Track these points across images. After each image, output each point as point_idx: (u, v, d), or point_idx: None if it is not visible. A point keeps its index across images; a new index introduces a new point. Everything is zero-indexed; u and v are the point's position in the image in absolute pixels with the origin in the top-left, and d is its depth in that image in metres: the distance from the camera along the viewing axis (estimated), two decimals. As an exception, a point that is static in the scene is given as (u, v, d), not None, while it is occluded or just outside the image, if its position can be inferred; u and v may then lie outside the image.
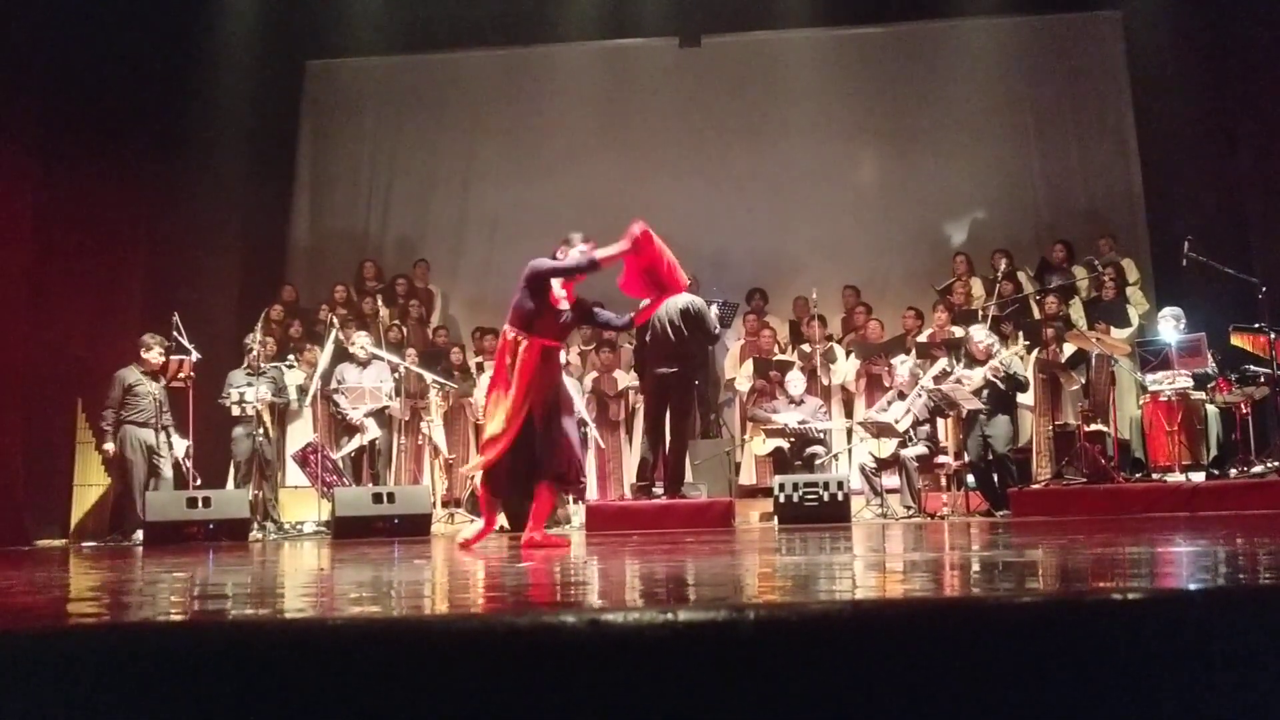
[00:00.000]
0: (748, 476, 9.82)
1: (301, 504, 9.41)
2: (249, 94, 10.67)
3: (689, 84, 11.71)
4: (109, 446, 8.46)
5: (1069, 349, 9.06)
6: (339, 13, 11.19)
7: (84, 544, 8.41)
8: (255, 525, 8.50)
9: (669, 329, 7.86)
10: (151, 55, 9.50)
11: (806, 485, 7.93)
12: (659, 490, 8.12)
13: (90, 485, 9.05)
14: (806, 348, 9.96)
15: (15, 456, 8.22)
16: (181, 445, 8.65)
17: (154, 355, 8.52)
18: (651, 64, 11.80)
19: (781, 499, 7.93)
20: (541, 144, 11.70)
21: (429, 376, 9.47)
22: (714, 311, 8.17)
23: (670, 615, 1.70)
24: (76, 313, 8.80)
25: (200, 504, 7.98)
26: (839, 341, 10.29)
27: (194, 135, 10.10)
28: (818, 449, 8.99)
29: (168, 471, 8.52)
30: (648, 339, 8.06)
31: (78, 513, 8.96)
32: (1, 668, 1.77)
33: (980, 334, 8.68)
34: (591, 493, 9.64)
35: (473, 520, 9.05)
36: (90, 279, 8.99)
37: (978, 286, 10.27)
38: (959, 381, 8.43)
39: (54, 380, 8.62)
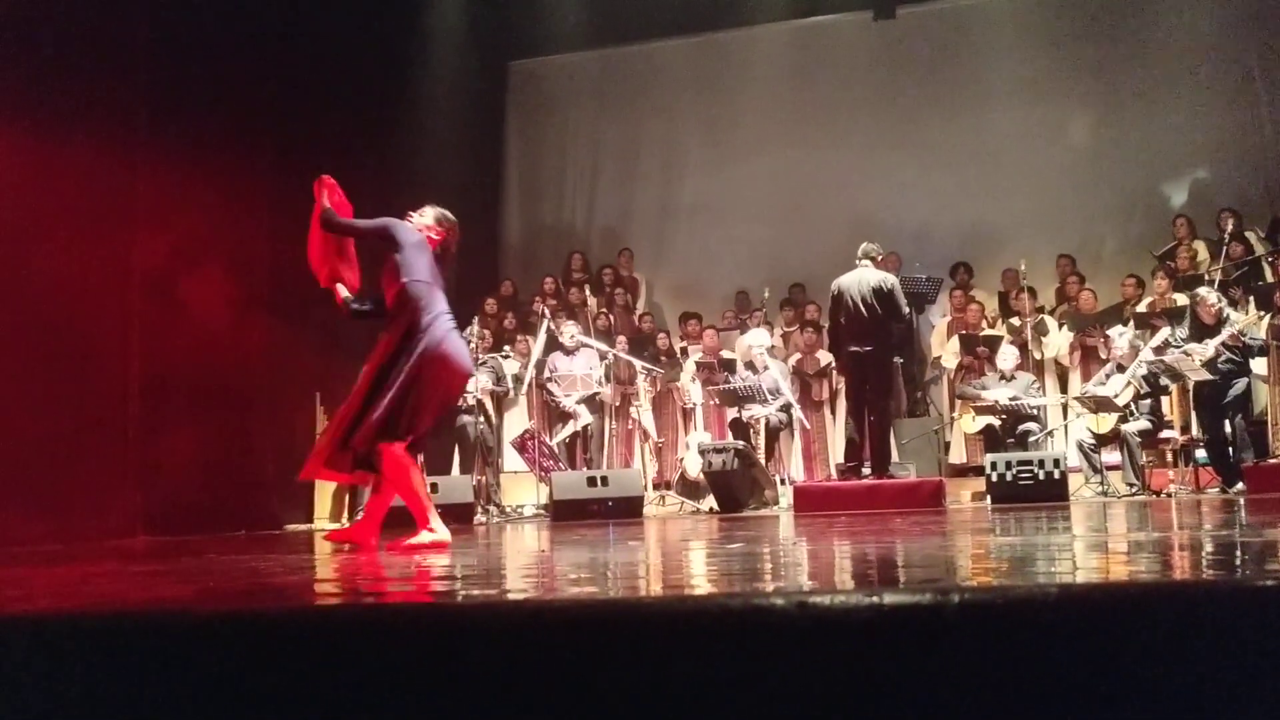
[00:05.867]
0: (958, 455, 9.62)
1: (521, 488, 9.81)
2: (458, 99, 11.18)
3: (885, 57, 11.51)
4: None
5: (1307, 312, 8.46)
6: (537, 13, 11.55)
7: (326, 527, 9.07)
8: (479, 509, 8.94)
9: (861, 307, 7.79)
10: (363, 70, 10.05)
11: (1020, 463, 7.71)
12: (866, 470, 8.07)
13: (330, 473, 9.73)
14: (1016, 321, 9.65)
15: (266, 449, 8.93)
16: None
17: None
18: (846, 39, 11.66)
19: (994, 478, 7.74)
20: (739, 127, 11.75)
21: (637, 363, 9.70)
22: (920, 280, 7.99)
23: (876, 598, 1.74)
24: (312, 316, 9.44)
25: (429, 489, 8.46)
26: (1051, 313, 9.93)
27: (408, 142, 10.64)
28: (1031, 426, 8.72)
29: None
30: (842, 319, 8.01)
31: (320, 499, 9.64)
32: (264, 640, 1.96)
33: (1211, 296, 8.20)
34: (798, 473, 9.67)
35: (683, 503, 9.28)
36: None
37: (1202, 250, 9.69)
38: (1186, 354, 8.00)
39: (295, 378, 9.29)
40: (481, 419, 9.33)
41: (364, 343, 9.34)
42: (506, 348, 10.21)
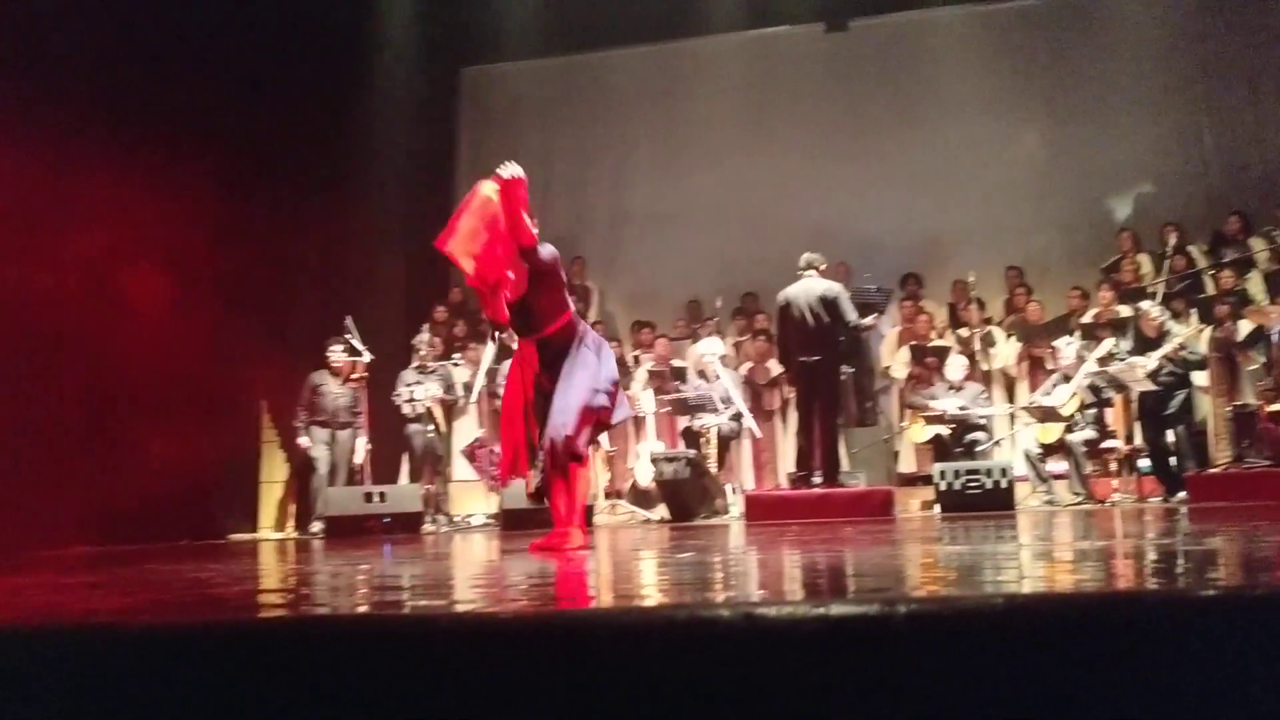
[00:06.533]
0: (907, 464, 9.70)
1: (470, 497, 9.74)
2: (409, 104, 11.14)
3: (837, 69, 11.60)
4: (302, 440, 9.00)
5: (1245, 326, 8.62)
6: (490, 19, 11.53)
7: (271, 537, 8.95)
8: (428, 518, 8.86)
9: (808, 315, 7.83)
10: (314, 74, 9.95)
11: (968, 473, 7.78)
12: (817, 479, 8.11)
13: (275, 482, 9.61)
14: (964, 332, 9.76)
15: (209, 457, 8.78)
16: (362, 444, 9.10)
17: (334, 357, 9.04)
18: (799, 51, 11.73)
19: (943, 487, 7.80)
20: (692, 137, 11.78)
21: (588, 371, 9.65)
22: (870, 291, 8.09)
23: (824, 609, 1.74)
24: (258, 323, 9.32)
25: (376, 498, 8.38)
26: (999, 324, 10.05)
27: (358, 147, 10.56)
28: (979, 435, 8.81)
29: (341, 468, 8.99)
30: (790, 330, 8.05)
31: (266, 508, 9.51)
32: (205, 653, 1.92)
33: (1154, 310, 8.36)
34: (749, 482, 9.70)
35: (634, 512, 9.26)
36: (269, 290, 9.51)
37: (1146, 263, 9.86)
38: (1130, 366, 8.13)
39: (239, 385, 9.16)
40: (430, 427, 9.26)
41: (312, 352, 9.33)
42: (456, 355, 10.13)
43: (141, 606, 2.79)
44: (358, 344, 9.06)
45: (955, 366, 9.10)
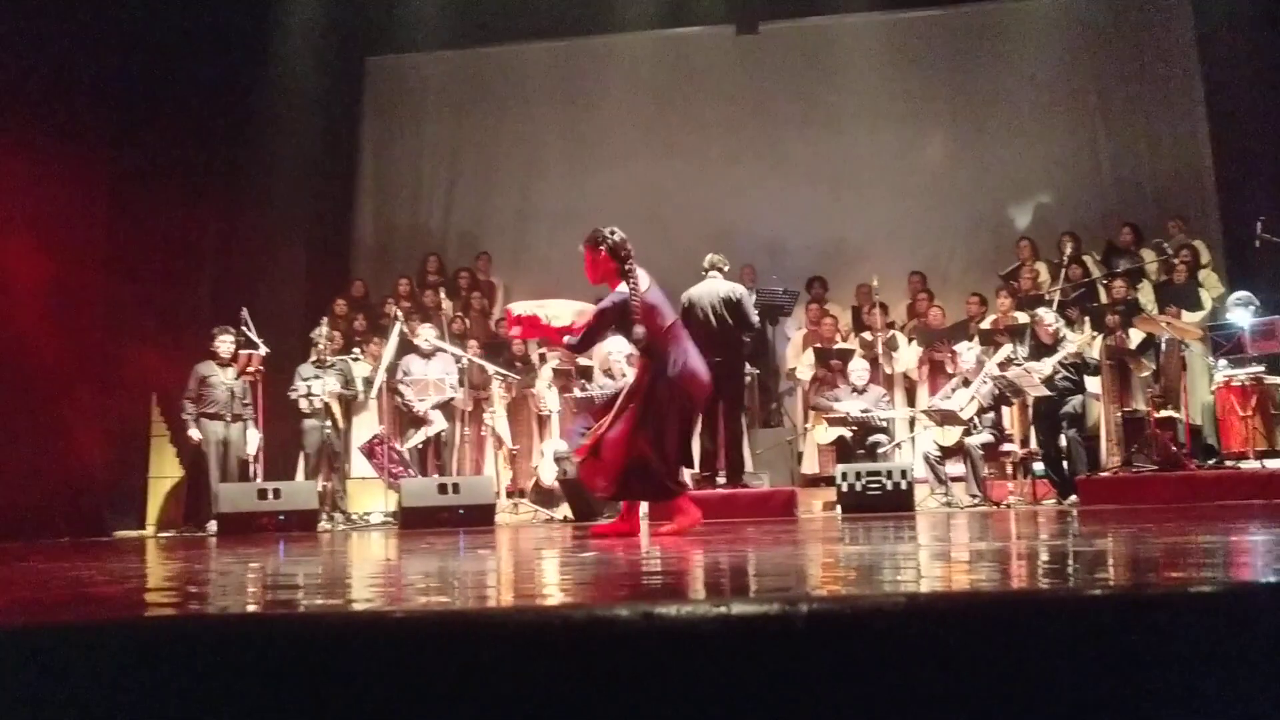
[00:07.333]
0: (810, 465, 9.79)
1: (369, 495, 9.56)
2: (312, 92, 10.89)
3: (747, 71, 11.69)
4: (193, 433, 8.72)
5: (1136, 335, 8.90)
6: (398, 9, 11.35)
7: (160, 534, 8.66)
8: (324, 516, 8.67)
9: (710, 317, 7.84)
10: (216, 58, 9.68)
11: (870, 474, 7.88)
12: (721, 480, 8.13)
13: (165, 477, 9.31)
14: (868, 335, 9.90)
15: (94, 450, 8.46)
16: (254, 439, 8.86)
17: (223, 347, 8.77)
18: (709, 52, 11.79)
19: (844, 488, 7.88)
20: (600, 134, 11.75)
21: (491, 368, 9.57)
22: (776, 293, 8.11)
23: (724, 608, 1.71)
24: (149, 311, 9.02)
25: (271, 495, 8.16)
26: (901, 328, 10.21)
27: (259, 135, 10.29)
28: (880, 437, 8.94)
29: (232, 464, 8.75)
30: (693, 330, 8.04)
31: (154, 504, 9.20)
32: (82, 656, 1.83)
33: (1048, 316, 8.58)
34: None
35: (537, 511, 9.19)
36: (162, 277, 9.21)
37: (1043, 271, 10.13)
38: (1027, 371, 8.33)
39: (129, 376, 8.85)
40: (328, 423, 9.06)
41: (206, 343, 9.06)
42: (356, 350, 9.94)
43: (13, 606, 2.65)
44: (253, 336, 8.82)
45: (859, 369, 9.22)
